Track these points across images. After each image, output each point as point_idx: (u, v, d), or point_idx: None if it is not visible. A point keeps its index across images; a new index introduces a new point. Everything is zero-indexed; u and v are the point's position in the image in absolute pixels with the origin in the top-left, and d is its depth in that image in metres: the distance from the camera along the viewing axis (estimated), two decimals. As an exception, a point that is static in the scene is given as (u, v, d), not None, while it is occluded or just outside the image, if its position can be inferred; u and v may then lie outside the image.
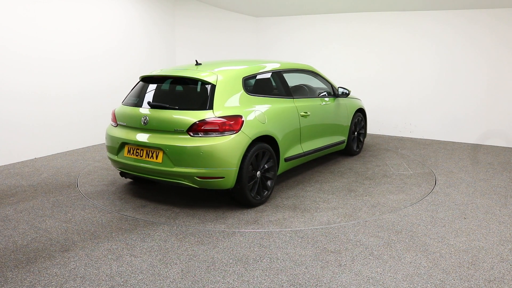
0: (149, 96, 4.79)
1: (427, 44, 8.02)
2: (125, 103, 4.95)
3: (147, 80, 4.98)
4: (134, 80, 7.10)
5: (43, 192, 5.13)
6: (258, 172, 4.61)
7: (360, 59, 8.74)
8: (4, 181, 5.51)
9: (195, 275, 3.24)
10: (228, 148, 4.24)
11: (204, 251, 3.62)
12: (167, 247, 3.70)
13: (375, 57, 8.57)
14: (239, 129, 4.34)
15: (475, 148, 7.37)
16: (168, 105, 4.54)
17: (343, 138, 6.40)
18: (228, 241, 3.81)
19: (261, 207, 4.65)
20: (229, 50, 9.72)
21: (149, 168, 4.46)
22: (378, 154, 6.96)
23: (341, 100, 6.34)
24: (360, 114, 6.84)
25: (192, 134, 4.27)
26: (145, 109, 4.62)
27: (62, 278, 3.20)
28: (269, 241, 3.80)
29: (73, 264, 3.41)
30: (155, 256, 3.54)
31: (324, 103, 5.96)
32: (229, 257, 3.52)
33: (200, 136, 4.25)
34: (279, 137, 4.85)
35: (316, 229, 4.06)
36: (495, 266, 3.36)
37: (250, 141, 4.41)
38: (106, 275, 3.25)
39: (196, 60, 5.20)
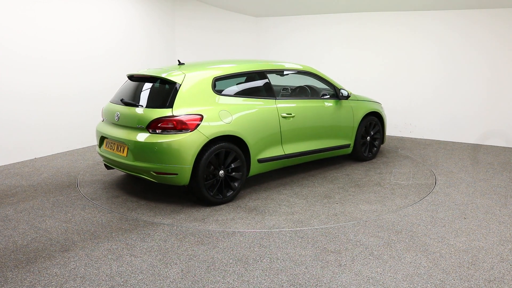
0: (125, 94, 5.03)
1: (427, 44, 8.02)
2: (110, 100, 5.25)
3: (131, 78, 5.22)
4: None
5: (43, 192, 5.13)
6: (222, 172, 4.64)
7: (360, 59, 8.74)
8: (4, 181, 5.51)
9: (195, 275, 3.24)
10: (182, 146, 4.36)
11: (204, 251, 3.62)
12: (167, 247, 3.70)
13: (376, 57, 8.57)
14: (195, 128, 4.43)
15: (475, 148, 7.37)
16: (134, 103, 4.78)
17: (348, 142, 6.12)
18: (228, 241, 3.81)
19: (221, 206, 4.65)
20: (229, 50, 9.71)
21: (118, 162, 4.75)
22: (391, 161, 6.49)
23: (345, 102, 6.05)
24: (375, 118, 6.45)
25: (151, 131, 4.46)
26: (118, 106, 4.89)
27: (62, 278, 3.20)
28: (269, 241, 3.80)
29: (73, 264, 3.41)
30: (155, 256, 3.54)
31: (322, 104, 5.79)
32: (229, 257, 3.52)
33: (157, 133, 4.43)
34: (248, 137, 4.82)
35: (316, 229, 4.05)
36: (495, 266, 3.36)
37: (207, 140, 4.47)
38: (106, 275, 3.25)
39: (178, 60, 5.42)
